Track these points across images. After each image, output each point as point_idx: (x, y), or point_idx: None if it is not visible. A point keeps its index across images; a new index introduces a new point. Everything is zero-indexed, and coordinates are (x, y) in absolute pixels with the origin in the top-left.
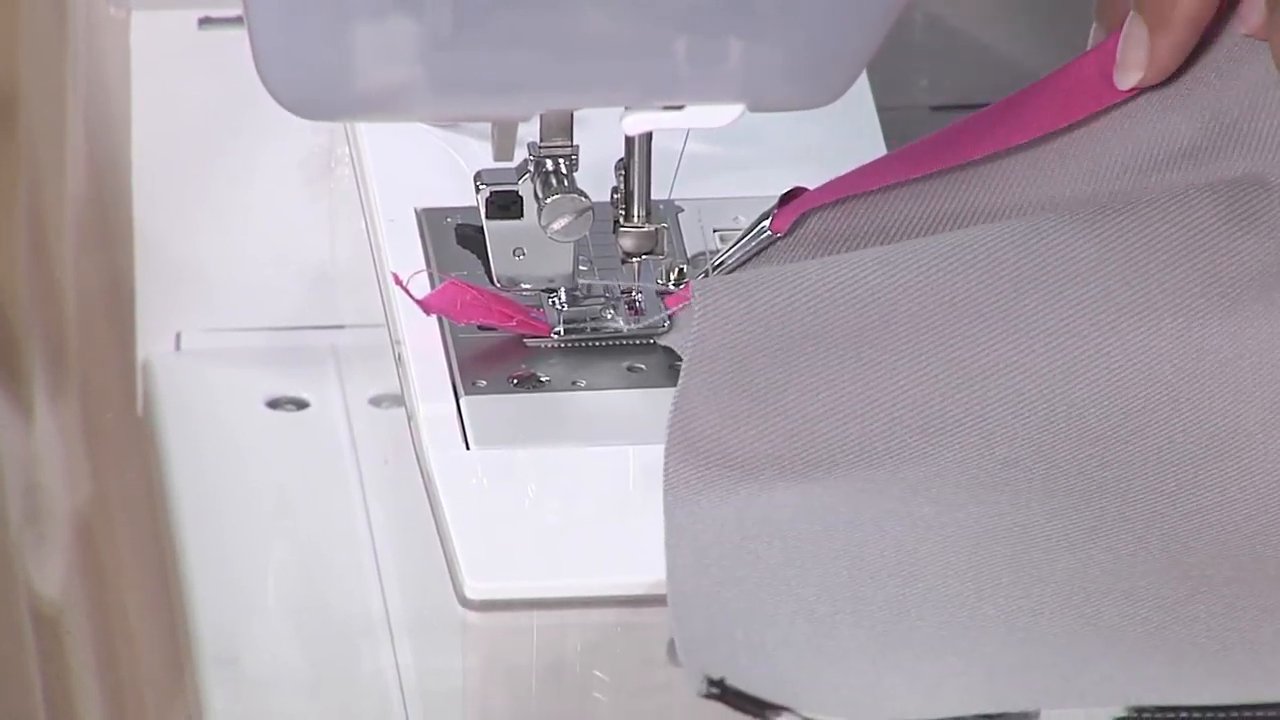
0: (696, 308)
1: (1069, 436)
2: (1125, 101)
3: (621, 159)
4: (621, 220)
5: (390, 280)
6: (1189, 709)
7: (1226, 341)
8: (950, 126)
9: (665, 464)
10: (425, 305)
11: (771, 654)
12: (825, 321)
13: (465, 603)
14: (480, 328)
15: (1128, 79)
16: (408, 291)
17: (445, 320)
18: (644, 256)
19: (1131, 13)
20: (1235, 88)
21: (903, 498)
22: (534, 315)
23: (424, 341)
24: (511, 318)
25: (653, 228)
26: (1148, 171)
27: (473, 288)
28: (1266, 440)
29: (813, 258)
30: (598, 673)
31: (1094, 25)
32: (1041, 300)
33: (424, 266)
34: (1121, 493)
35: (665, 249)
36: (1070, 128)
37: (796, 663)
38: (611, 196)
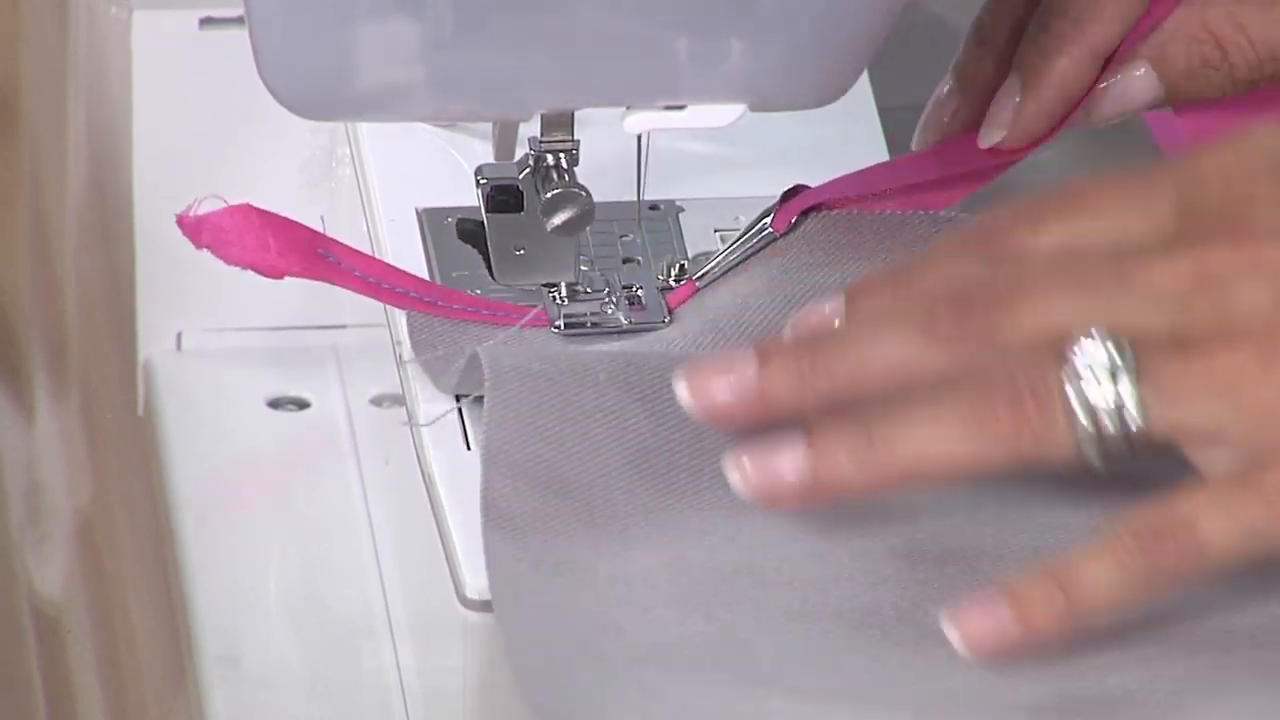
0: (487, 396)
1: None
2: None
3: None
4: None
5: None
6: None
7: None
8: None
9: (485, 549)
10: (190, 227)
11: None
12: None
13: (466, 603)
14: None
15: (991, 136)
16: (185, 222)
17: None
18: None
19: (1010, 73)
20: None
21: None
22: (363, 275)
23: None
24: (284, 267)
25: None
26: None
27: (269, 219)
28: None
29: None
30: None
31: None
32: None
33: (425, 266)
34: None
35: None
36: None
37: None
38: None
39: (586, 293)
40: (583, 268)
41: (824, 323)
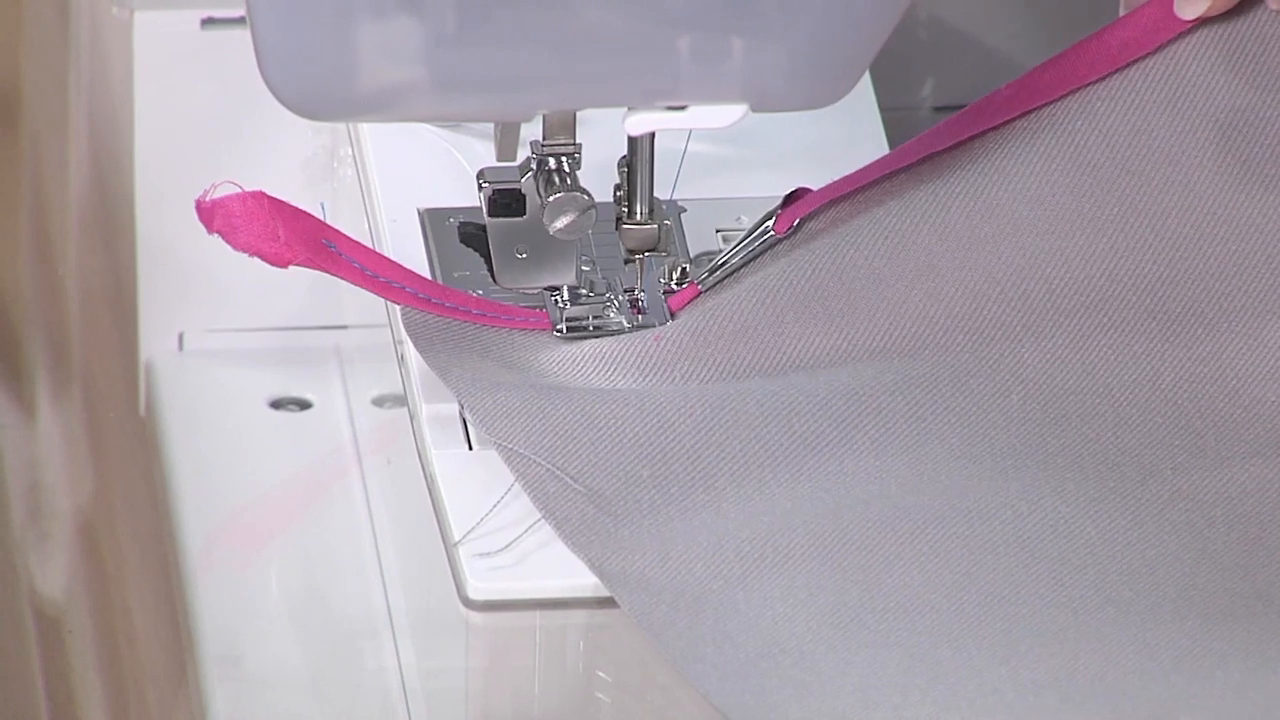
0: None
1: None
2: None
3: (624, 157)
4: (624, 218)
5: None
6: None
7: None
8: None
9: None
10: (204, 211)
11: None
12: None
13: (468, 603)
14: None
15: (1194, 8)
16: (200, 206)
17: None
18: (647, 254)
19: None
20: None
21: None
22: (363, 268)
23: None
24: (290, 256)
25: (655, 225)
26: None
27: (279, 208)
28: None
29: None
30: (600, 673)
31: None
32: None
33: (426, 266)
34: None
35: (668, 246)
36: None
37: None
38: (615, 194)
39: (588, 296)
40: (584, 268)
41: None
